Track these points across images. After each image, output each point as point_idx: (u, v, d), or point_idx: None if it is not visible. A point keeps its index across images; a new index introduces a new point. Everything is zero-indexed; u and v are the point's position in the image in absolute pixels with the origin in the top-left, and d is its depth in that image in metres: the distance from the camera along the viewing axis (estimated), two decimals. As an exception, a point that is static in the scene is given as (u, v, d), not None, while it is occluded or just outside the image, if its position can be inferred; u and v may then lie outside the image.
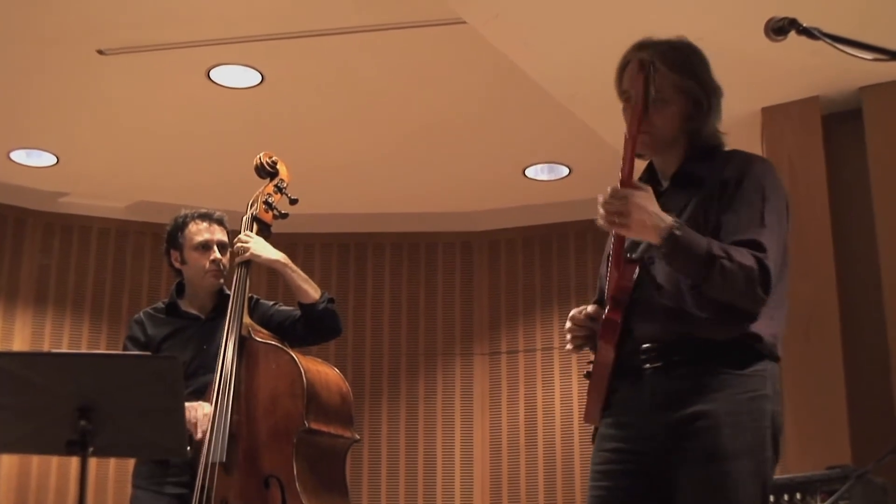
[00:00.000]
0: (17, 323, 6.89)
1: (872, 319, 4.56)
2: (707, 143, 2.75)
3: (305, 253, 7.40)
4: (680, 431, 2.52)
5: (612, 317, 2.63)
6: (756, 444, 2.52)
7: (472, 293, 7.42)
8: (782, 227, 2.68)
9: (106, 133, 6.18)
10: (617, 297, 2.64)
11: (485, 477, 7.04)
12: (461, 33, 4.81)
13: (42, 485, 6.67)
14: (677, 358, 2.57)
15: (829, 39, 2.29)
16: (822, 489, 3.68)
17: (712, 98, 2.74)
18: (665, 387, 2.57)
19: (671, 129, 2.71)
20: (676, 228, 2.48)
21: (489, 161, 6.53)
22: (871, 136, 4.72)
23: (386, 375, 7.32)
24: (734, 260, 2.49)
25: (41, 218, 7.08)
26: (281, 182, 4.02)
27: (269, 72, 5.52)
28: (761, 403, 2.54)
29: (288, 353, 3.63)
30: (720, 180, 2.65)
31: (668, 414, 2.55)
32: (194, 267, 3.93)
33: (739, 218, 2.59)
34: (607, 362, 2.65)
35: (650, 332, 2.61)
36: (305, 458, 3.51)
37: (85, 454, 2.69)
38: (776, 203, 2.67)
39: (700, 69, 2.76)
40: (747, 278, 2.50)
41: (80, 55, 5.28)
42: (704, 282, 2.50)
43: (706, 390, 2.52)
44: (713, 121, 2.75)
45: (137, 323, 3.98)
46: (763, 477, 2.53)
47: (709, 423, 2.49)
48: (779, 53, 3.47)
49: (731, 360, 2.55)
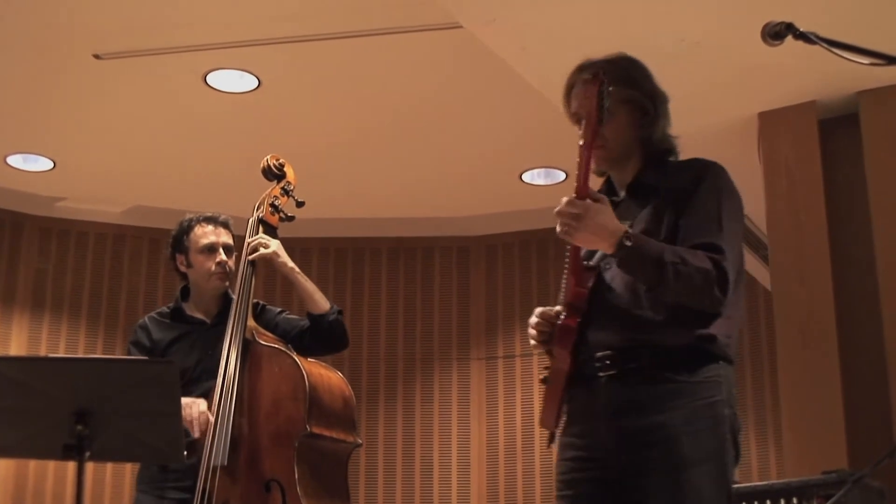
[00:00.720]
0: (14, 327, 6.88)
1: (869, 324, 4.56)
2: (659, 148, 2.81)
3: (302, 257, 7.39)
4: (639, 441, 2.55)
5: (569, 323, 2.67)
6: (716, 450, 2.55)
7: (469, 298, 7.42)
8: (739, 230, 2.73)
9: (103, 137, 6.18)
10: (573, 303, 2.68)
11: (481, 481, 7.03)
12: (458, 38, 4.81)
13: (39, 490, 6.65)
14: (632, 366, 2.60)
15: (825, 44, 2.30)
16: (819, 494, 3.68)
17: (658, 104, 2.80)
18: (620, 395, 2.60)
19: (622, 139, 2.77)
20: (628, 237, 2.53)
21: (486, 165, 6.54)
22: (867, 141, 4.72)
23: (383, 380, 7.32)
24: (689, 263, 2.53)
25: (38, 222, 7.08)
26: (288, 185, 4.01)
27: (266, 76, 5.51)
28: (718, 409, 2.58)
29: (291, 356, 3.62)
30: (677, 187, 2.70)
31: (625, 423, 2.58)
32: (200, 270, 3.92)
33: (696, 222, 2.64)
34: (564, 368, 2.69)
35: (605, 340, 2.64)
36: (307, 462, 3.50)
37: (82, 459, 2.68)
38: (732, 207, 2.72)
39: (641, 79, 2.82)
40: (704, 280, 2.54)
41: (76, 60, 5.28)
42: (659, 286, 2.54)
43: (662, 399, 2.56)
44: (662, 126, 2.81)
45: (142, 328, 3.97)
46: (725, 481, 2.56)
47: (667, 434, 2.52)
48: (775, 58, 3.46)
49: (686, 367, 2.58)
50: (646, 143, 2.79)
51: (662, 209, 2.68)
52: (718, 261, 2.56)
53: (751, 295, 6.78)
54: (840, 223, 4.75)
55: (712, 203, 2.67)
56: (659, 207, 2.69)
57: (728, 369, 2.64)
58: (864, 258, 4.64)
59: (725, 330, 2.63)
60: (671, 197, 2.68)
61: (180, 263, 3.97)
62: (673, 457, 2.51)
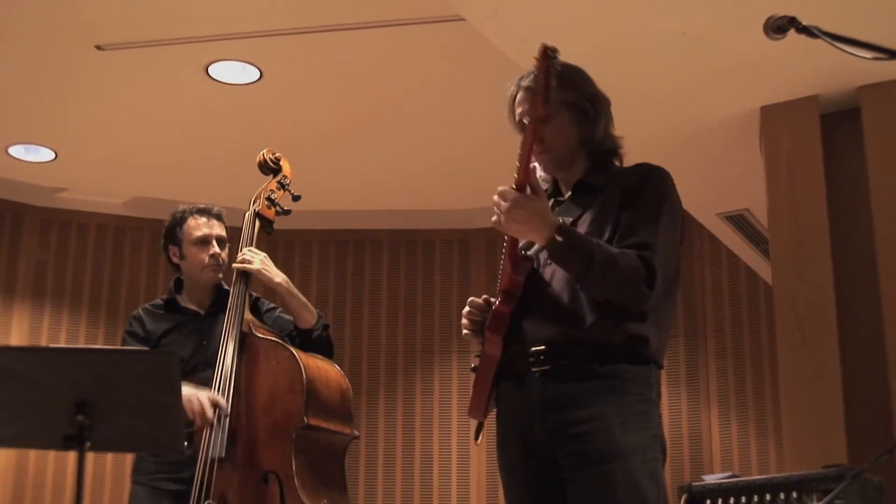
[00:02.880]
0: (15, 318, 6.89)
1: (869, 319, 4.56)
2: (602, 148, 2.83)
3: (303, 250, 7.41)
4: (571, 433, 2.58)
5: (501, 309, 2.70)
6: (645, 444, 2.59)
7: (470, 290, 7.38)
8: (674, 236, 2.73)
9: (104, 129, 6.18)
10: (508, 290, 2.71)
11: (481, 472, 7.05)
12: (459, 30, 4.81)
13: (39, 480, 6.67)
14: (566, 362, 2.62)
15: (828, 38, 2.29)
16: (819, 488, 3.68)
17: (597, 105, 2.82)
18: (552, 391, 2.62)
19: (564, 141, 2.79)
20: (560, 232, 2.55)
21: (487, 158, 6.53)
22: (869, 136, 4.72)
23: (383, 372, 7.33)
24: (616, 259, 2.55)
25: (39, 213, 7.09)
26: (284, 178, 4.01)
27: (268, 68, 5.51)
28: (648, 407, 2.62)
29: (288, 349, 3.63)
30: (621, 189, 2.72)
31: (557, 417, 2.60)
32: (193, 262, 3.92)
33: (633, 221, 2.66)
34: (494, 354, 2.72)
35: (540, 334, 2.66)
36: (304, 454, 3.50)
37: (82, 449, 2.68)
38: (671, 213, 2.72)
39: (578, 81, 2.82)
40: (631, 277, 2.56)
41: (78, 51, 5.28)
42: (586, 280, 2.57)
43: (594, 394, 2.58)
44: (603, 126, 2.83)
45: (136, 319, 3.98)
46: (656, 473, 2.59)
47: (599, 425, 2.55)
48: (777, 52, 3.47)
49: (619, 365, 2.61)
50: (588, 143, 2.81)
51: (608, 209, 2.70)
52: (647, 258, 2.58)
53: (751, 289, 6.78)
54: (841, 218, 4.75)
55: (652, 206, 2.69)
56: (605, 207, 2.71)
57: (658, 373, 2.68)
58: (865, 253, 4.64)
59: (659, 336, 2.67)
60: (617, 197, 2.71)
61: (173, 255, 3.97)
62: (604, 447, 2.54)
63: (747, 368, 6.71)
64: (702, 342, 6.85)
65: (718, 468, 6.48)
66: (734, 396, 6.70)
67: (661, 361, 2.69)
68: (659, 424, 2.65)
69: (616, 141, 2.85)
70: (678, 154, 5.22)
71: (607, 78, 2.86)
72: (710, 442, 6.68)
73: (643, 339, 2.62)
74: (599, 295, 2.58)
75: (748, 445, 6.58)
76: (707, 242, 6.84)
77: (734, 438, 6.64)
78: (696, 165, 5.43)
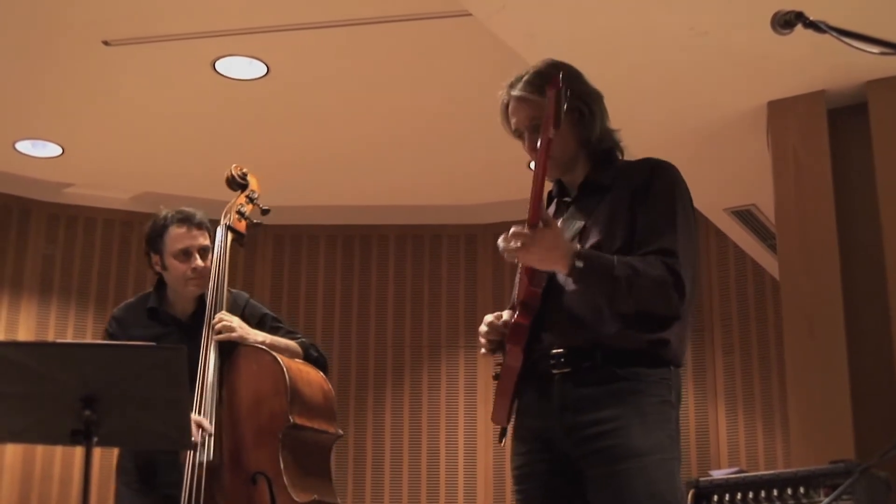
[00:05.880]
0: (22, 313, 6.91)
1: (876, 314, 4.55)
2: (602, 146, 2.83)
3: (310, 245, 7.40)
4: (590, 432, 2.59)
5: (521, 321, 2.69)
6: (663, 444, 2.60)
7: (476, 285, 7.43)
8: (692, 230, 2.73)
9: (111, 124, 6.19)
10: (526, 302, 2.70)
11: (488, 468, 7.05)
12: (466, 25, 4.81)
13: (46, 474, 6.69)
14: (587, 364, 2.64)
15: (835, 33, 2.29)
16: (826, 483, 3.68)
17: (591, 103, 2.81)
18: (573, 393, 2.63)
19: (564, 145, 2.77)
20: (579, 257, 2.55)
21: (493, 154, 6.53)
22: (876, 131, 4.71)
23: (390, 367, 7.33)
24: (642, 273, 2.56)
25: (46, 208, 7.09)
26: (252, 193, 4.06)
27: (275, 63, 5.52)
28: (666, 408, 2.63)
29: (269, 353, 3.66)
30: (629, 188, 2.72)
31: (577, 417, 2.61)
32: (174, 274, 3.83)
33: (650, 224, 2.66)
34: (515, 365, 2.72)
35: (560, 338, 2.67)
36: (291, 452, 3.56)
37: (89, 444, 2.69)
38: (685, 207, 2.73)
39: (572, 81, 2.78)
40: (660, 288, 2.57)
41: (85, 46, 5.28)
42: (614, 297, 2.58)
43: (614, 395, 2.60)
44: (600, 123, 2.82)
45: (116, 320, 3.92)
46: (674, 471, 2.61)
47: (618, 425, 2.57)
48: (785, 47, 3.46)
49: (639, 368, 2.62)
50: (587, 143, 2.81)
51: (617, 208, 2.71)
52: (672, 266, 2.59)
53: (758, 284, 6.77)
54: (848, 213, 4.74)
55: (666, 204, 2.69)
56: (613, 206, 2.71)
57: (677, 373, 2.69)
58: (872, 248, 4.63)
59: (678, 337, 2.68)
60: (625, 195, 2.71)
61: (155, 263, 3.87)
62: (623, 446, 2.55)
63: (754, 364, 6.70)
64: (709, 337, 6.84)
65: (725, 463, 6.47)
66: (741, 392, 6.70)
67: (680, 361, 2.70)
68: (677, 426, 2.66)
69: (614, 136, 2.85)
70: (685, 149, 5.21)
71: (614, 72, 2.88)
72: (717, 437, 6.68)
73: (664, 342, 2.63)
74: (630, 309, 2.59)
75: (755, 441, 6.57)
76: (714, 238, 6.83)
77: (741, 434, 6.63)
78: (703, 161, 5.42)
